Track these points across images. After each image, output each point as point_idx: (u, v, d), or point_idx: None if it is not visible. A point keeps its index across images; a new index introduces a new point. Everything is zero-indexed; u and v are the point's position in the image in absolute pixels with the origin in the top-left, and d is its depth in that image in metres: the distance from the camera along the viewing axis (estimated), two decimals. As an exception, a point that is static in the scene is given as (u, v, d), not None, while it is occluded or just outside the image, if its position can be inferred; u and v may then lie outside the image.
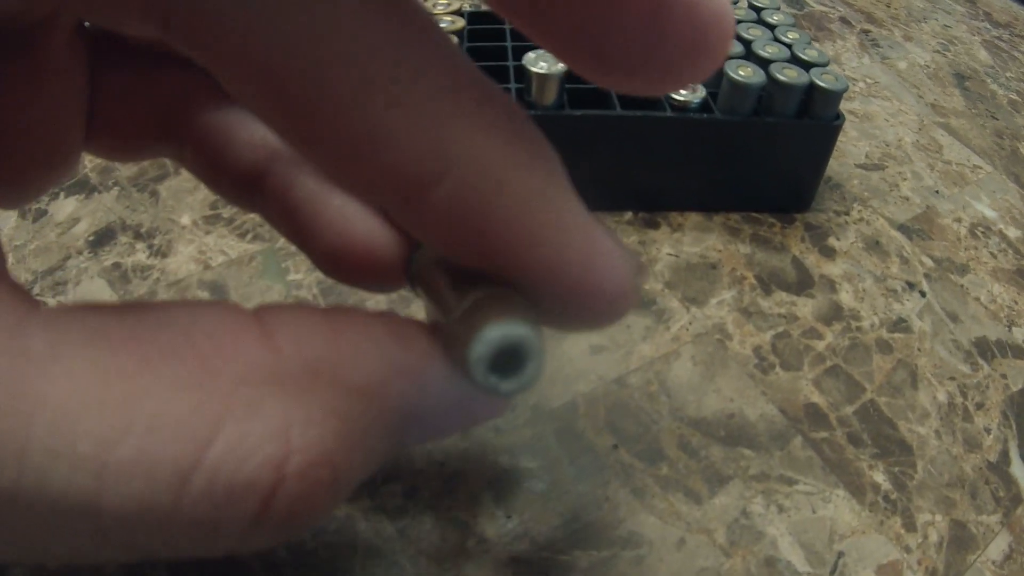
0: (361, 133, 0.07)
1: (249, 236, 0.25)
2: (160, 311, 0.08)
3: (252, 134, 0.12)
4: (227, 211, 0.26)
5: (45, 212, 0.26)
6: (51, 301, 0.23)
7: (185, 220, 0.26)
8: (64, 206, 0.26)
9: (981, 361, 0.23)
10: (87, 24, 0.11)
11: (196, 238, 0.25)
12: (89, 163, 0.28)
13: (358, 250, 0.11)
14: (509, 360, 0.08)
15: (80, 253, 0.24)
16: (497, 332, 0.08)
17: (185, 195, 0.26)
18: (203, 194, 0.27)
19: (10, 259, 0.24)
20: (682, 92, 0.24)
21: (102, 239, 0.25)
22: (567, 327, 0.09)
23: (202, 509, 0.07)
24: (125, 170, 0.28)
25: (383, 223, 0.11)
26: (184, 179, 0.27)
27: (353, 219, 0.11)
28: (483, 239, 0.08)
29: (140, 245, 0.25)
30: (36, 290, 0.24)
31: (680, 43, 0.07)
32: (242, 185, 0.12)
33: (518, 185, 0.08)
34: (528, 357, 0.08)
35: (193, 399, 0.07)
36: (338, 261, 0.12)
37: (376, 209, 0.11)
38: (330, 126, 0.07)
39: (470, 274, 0.09)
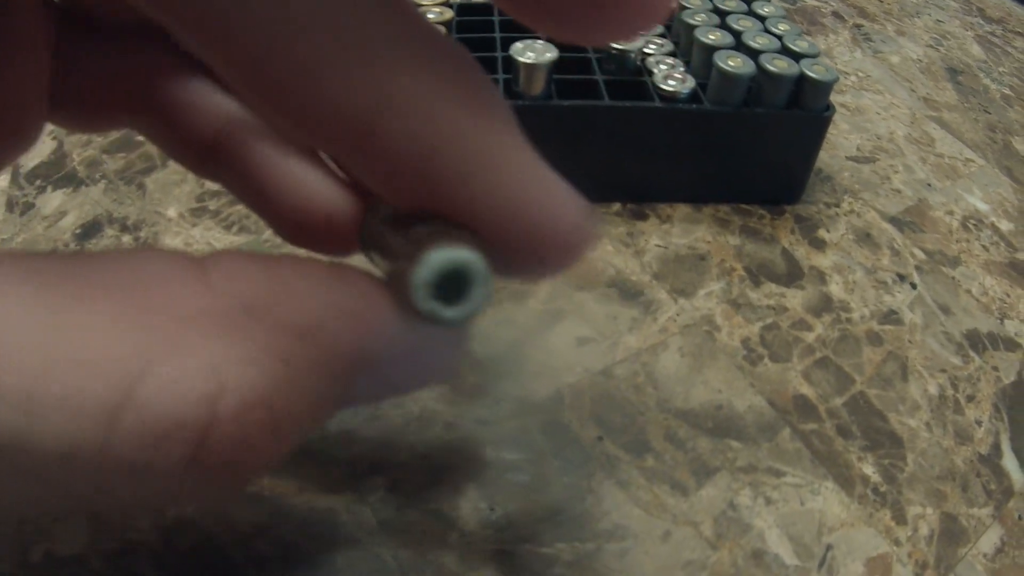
0: (305, 72, 0.07)
1: (235, 228, 0.25)
2: (100, 256, 0.08)
3: (209, 103, 0.12)
4: (213, 203, 0.26)
5: (32, 205, 0.26)
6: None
7: (171, 212, 0.25)
8: (51, 199, 0.26)
9: (972, 353, 0.23)
10: None
11: (182, 230, 0.25)
12: (77, 156, 0.28)
13: (315, 214, 0.11)
14: (455, 289, 0.08)
15: (67, 246, 0.24)
16: (440, 255, 0.08)
17: (172, 187, 0.26)
18: (190, 187, 0.26)
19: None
20: (671, 83, 0.24)
21: (89, 232, 0.25)
22: (520, 272, 0.09)
23: (133, 448, 0.07)
24: (112, 163, 0.27)
25: (338, 186, 0.11)
26: (171, 172, 0.27)
27: (309, 183, 0.11)
28: (430, 178, 0.08)
29: (127, 238, 0.25)
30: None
31: None
32: (201, 153, 0.12)
33: (462, 122, 0.08)
34: (473, 283, 0.08)
35: (124, 335, 0.07)
36: (295, 225, 0.12)
37: (328, 158, 0.11)
38: (276, 67, 0.07)
39: (421, 223, 0.09)
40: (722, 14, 0.27)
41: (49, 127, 0.12)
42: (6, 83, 0.10)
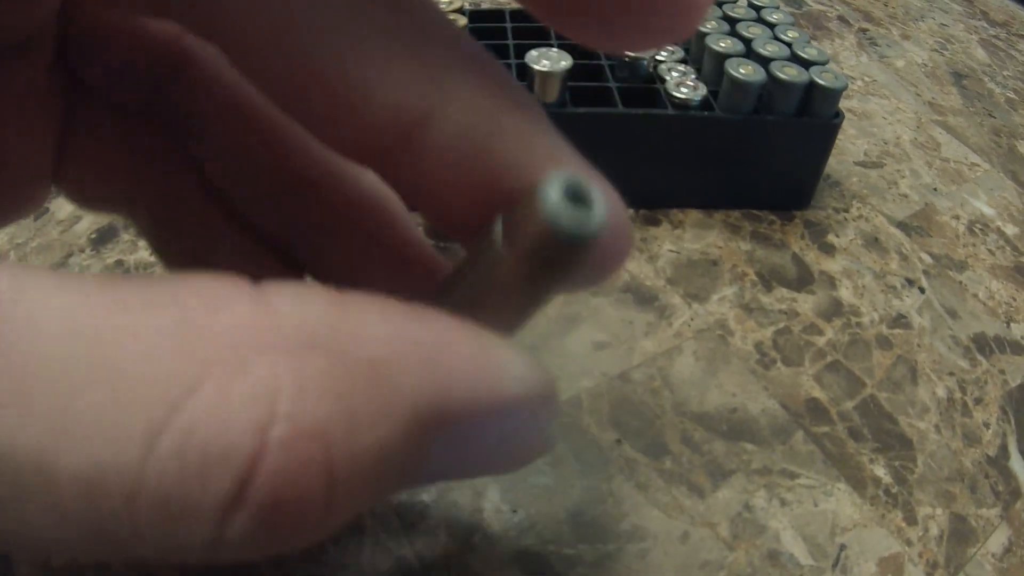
0: (349, 79, 0.08)
1: (252, 234, 0.25)
2: (153, 276, 0.07)
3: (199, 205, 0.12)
4: (230, 209, 0.26)
5: (47, 210, 0.26)
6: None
7: (188, 218, 0.26)
8: (65, 204, 0.26)
9: (979, 357, 0.23)
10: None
11: (199, 236, 0.25)
12: (91, 161, 0.28)
13: None
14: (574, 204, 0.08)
15: (82, 251, 0.25)
16: (561, 174, 0.07)
17: (188, 193, 0.27)
18: (206, 192, 0.27)
19: (12, 256, 0.24)
20: (683, 90, 0.25)
21: (104, 237, 0.25)
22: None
23: (170, 480, 0.06)
24: (127, 168, 0.28)
25: None
26: (187, 177, 0.27)
27: None
28: (481, 183, 0.08)
29: (142, 243, 0.25)
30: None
31: None
32: (181, 260, 0.12)
33: (511, 122, 0.08)
34: (592, 194, 0.08)
35: (171, 349, 0.06)
36: None
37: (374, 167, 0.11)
38: (317, 76, 0.08)
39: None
40: (732, 21, 0.27)
41: None
42: (8, 146, 0.10)
